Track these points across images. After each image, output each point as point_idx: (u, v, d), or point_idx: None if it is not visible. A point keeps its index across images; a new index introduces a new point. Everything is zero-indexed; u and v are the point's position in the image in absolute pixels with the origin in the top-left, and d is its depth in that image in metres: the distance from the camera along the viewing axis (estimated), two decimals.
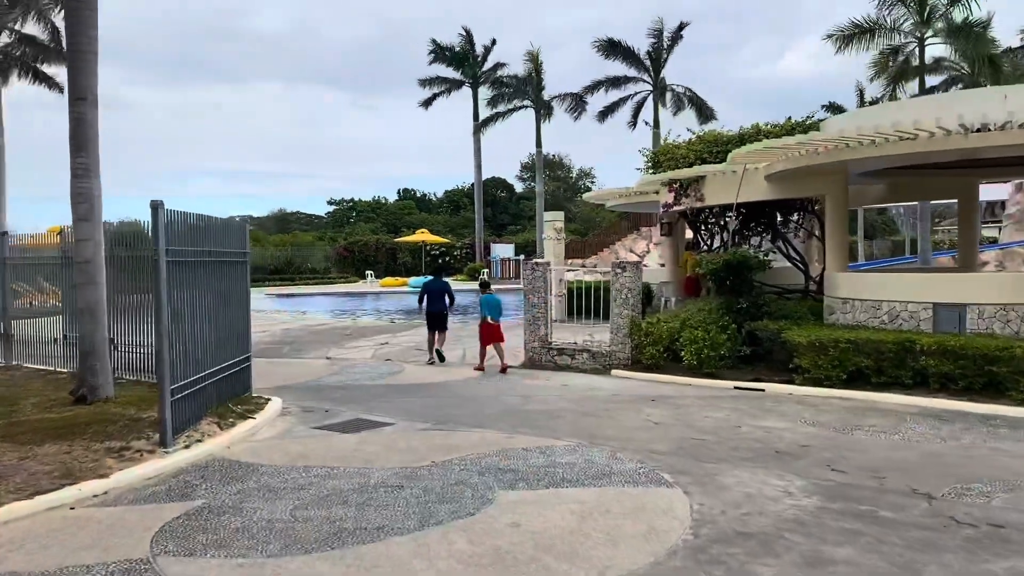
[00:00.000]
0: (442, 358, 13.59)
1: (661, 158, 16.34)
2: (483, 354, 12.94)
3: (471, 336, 16.18)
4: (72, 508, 5.84)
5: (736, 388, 10.97)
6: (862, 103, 40.59)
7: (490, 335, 12.80)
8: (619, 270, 12.38)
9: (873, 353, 10.26)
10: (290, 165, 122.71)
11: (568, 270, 17.61)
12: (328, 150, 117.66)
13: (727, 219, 15.91)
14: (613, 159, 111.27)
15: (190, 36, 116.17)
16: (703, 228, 16.82)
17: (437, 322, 13.85)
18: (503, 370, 12.45)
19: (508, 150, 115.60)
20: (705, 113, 45.86)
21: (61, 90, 32.07)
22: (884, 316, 11.34)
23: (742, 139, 14.29)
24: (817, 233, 17.19)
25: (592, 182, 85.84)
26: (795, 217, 16.11)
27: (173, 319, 7.56)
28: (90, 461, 6.75)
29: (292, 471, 6.79)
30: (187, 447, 7.41)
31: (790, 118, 15.06)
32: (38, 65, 29.30)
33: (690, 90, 46.17)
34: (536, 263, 13.14)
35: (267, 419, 8.91)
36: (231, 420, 8.49)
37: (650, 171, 17.34)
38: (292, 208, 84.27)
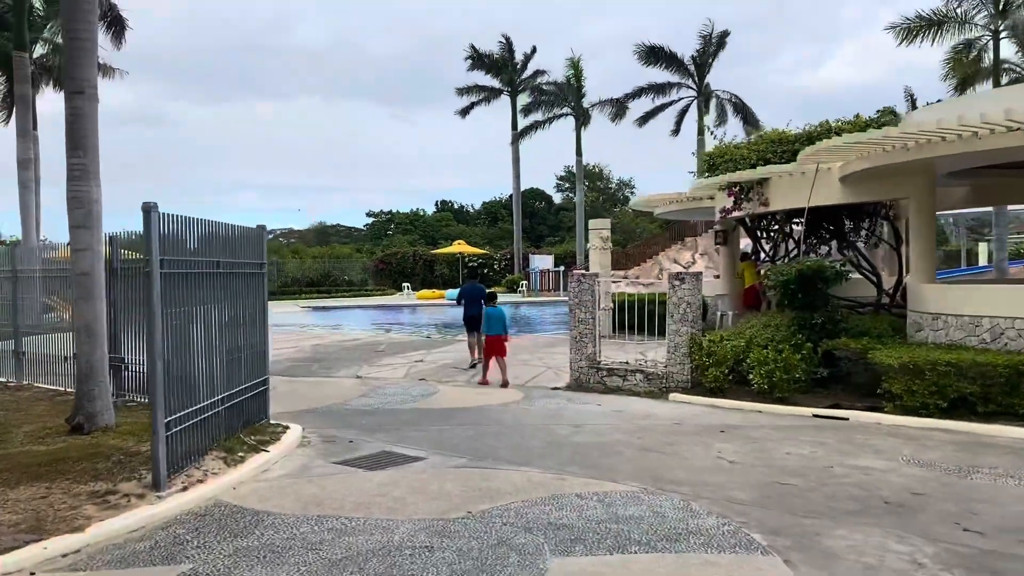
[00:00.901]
0: (473, 365, 13.76)
1: (717, 160, 15.03)
2: (486, 367, 12.65)
3: (511, 354, 15.02)
4: (32, 574, 4.81)
5: (815, 416, 9.62)
6: (913, 108, 38.62)
7: (491, 348, 12.55)
8: (677, 282, 11.12)
9: (979, 378, 8.84)
10: (330, 178, 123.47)
11: (614, 281, 16.38)
12: (367, 163, 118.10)
13: (792, 225, 14.53)
14: (653, 169, 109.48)
15: (232, 52, 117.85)
16: (764, 236, 15.44)
17: (474, 324, 14.01)
18: (503, 384, 12.12)
19: (546, 161, 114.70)
20: (751, 121, 44.31)
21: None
22: (985, 334, 9.89)
23: (810, 138, 12.92)
24: (889, 241, 15.72)
25: (632, 192, 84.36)
26: (865, 223, 14.64)
27: (171, 339, 6.55)
28: (67, 509, 5.73)
29: (303, 523, 5.68)
30: (184, 489, 6.36)
31: (859, 115, 13.67)
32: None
33: (736, 96, 44.74)
34: (583, 274, 11.95)
35: (283, 452, 7.85)
36: (240, 454, 7.44)
37: (705, 175, 16.04)
38: (332, 221, 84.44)
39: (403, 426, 9.28)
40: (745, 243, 21.18)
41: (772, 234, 15.25)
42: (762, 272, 16.20)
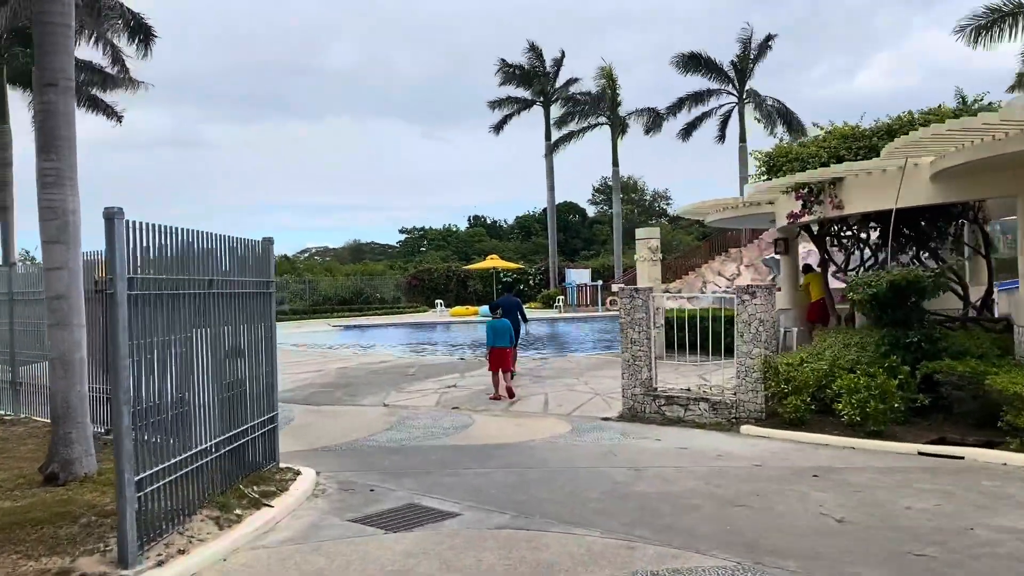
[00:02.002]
0: (514, 372, 13.47)
1: (779, 161, 13.54)
2: (496, 382, 12.22)
3: (554, 377, 13.67)
4: None
5: (921, 454, 8.08)
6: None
7: (497, 361, 12.22)
8: (747, 296, 9.67)
9: None
10: (363, 197, 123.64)
11: (668, 297, 14.94)
12: (400, 181, 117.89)
13: (869, 230, 12.98)
14: (688, 181, 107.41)
15: (263, 74, 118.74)
16: (836, 243, 13.88)
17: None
18: (506, 395, 11.97)
19: (579, 174, 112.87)
20: (796, 126, 42.56)
21: (120, 119, 31.42)
22: None
23: (890, 131, 11.41)
24: (973, 246, 14.08)
25: (668, 204, 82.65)
26: (951, 227, 13.03)
27: (148, 375, 5.33)
28: None
29: None
30: (160, 563, 5.08)
31: (941, 104, 12.11)
32: (95, 92, 28.43)
33: (779, 101, 43.01)
34: (636, 289, 10.55)
35: (290, 506, 6.57)
36: (237, 512, 6.16)
37: (763, 177, 14.56)
38: (366, 239, 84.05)
39: (434, 468, 7.96)
40: (804, 251, 19.58)
41: (845, 241, 13.68)
42: (834, 283, 14.63)
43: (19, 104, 28.74)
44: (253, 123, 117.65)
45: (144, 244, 5.40)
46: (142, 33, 23.59)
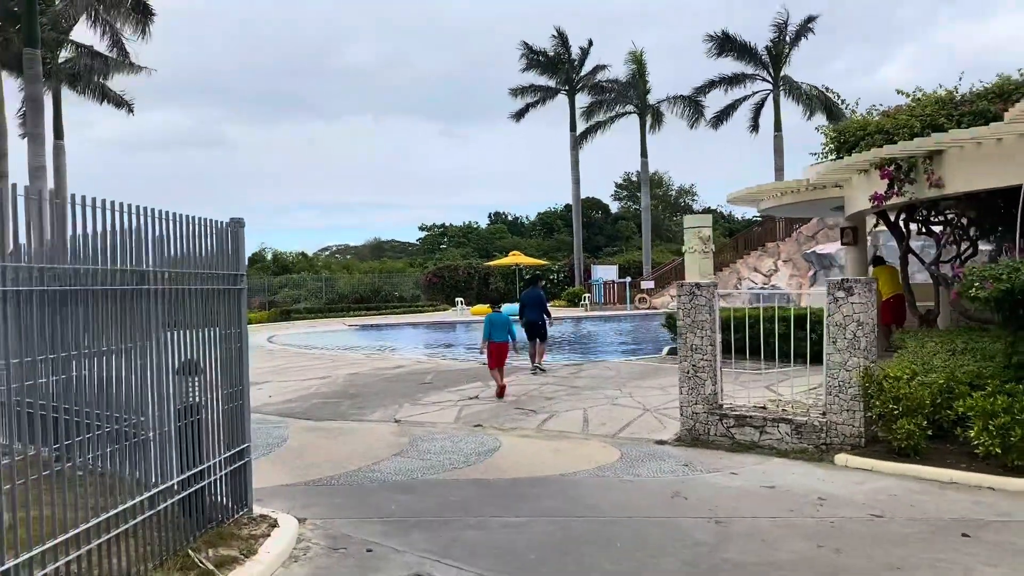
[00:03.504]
0: (542, 370, 13.62)
1: (853, 136, 11.61)
2: (498, 376, 11.80)
3: (591, 388, 11.83)
4: None
5: None
6: None
7: (497, 356, 11.92)
8: (841, 293, 7.77)
9: None
10: (384, 196, 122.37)
11: (723, 293, 12.96)
12: (420, 180, 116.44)
13: (966, 214, 11.02)
14: (715, 176, 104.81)
15: (282, 74, 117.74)
16: (925, 230, 11.90)
17: (535, 331, 13.96)
18: (501, 393, 11.53)
19: (601, 170, 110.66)
20: (836, 114, 40.33)
21: (131, 108, 30.00)
22: None
23: (1003, 94, 9.48)
24: None
25: (694, 200, 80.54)
26: None
27: (39, 405, 3.60)
28: None
29: None
30: None
31: None
32: (101, 80, 27.02)
33: (817, 88, 40.79)
34: (698, 286, 8.67)
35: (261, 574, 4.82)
36: None
37: (830, 157, 12.64)
38: (387, 237, 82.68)
39: (452, 515, 6.17)
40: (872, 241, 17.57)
41: (947, 228, 11.67)
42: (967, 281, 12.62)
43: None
44: (274, 122, 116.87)
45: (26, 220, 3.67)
46: (140, 13, 22.08)
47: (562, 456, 8.14)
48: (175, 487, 5.04)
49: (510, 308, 23.34)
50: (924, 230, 11.84)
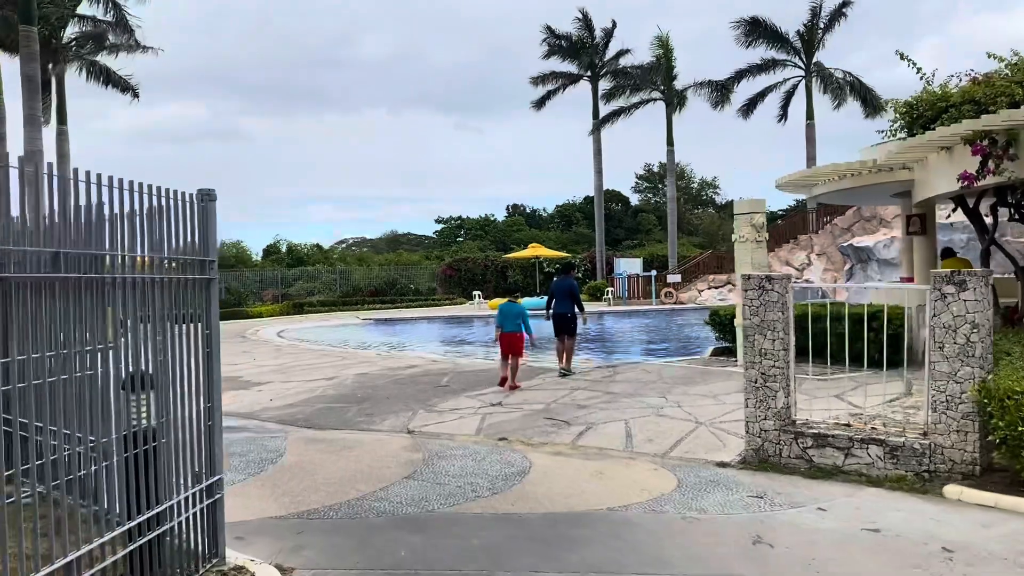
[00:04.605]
0: (570, 372, 12.20)
1: (932, 109, 10.16)
2: (504, 367, 11.56)
3: (630, 395, 10.48)
4: None
5: None
6: None
7: (508, 346, 11.53)
8: (951, 288, 6.36)
9: None
10: (400, 189, 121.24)
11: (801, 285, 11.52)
12: (436, 173, 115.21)
13: None
14: (739, 168, 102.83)
15: (298, 66, 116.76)
16: (1017, 216, 10.43)
17: (563, 326, 12.38)
18: (508, 385, 11.33)
19: (621, 163, 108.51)
20: (871, 103, 38.66)
21: (136, 93, 28.90)
22: None
23: None
24: None
25: (716, 192, 78.91)
26: None
27: None
28: None
29: None
30: None
31: None
32: (96, 58, 25.91)
33: (851, 74, 39.11)
34: (769, 278, 7.28)
35: None
36: None
37: (898, 135, 11.21)
38: (403, 230, 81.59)
39: (475, 567, 4.86)
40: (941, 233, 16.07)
41: None
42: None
43: None
44: (291, 115, 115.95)
45: None
46: None
47: (606, 482, 6.80)
48: (115, 542, 3.78)
49: (531, 302, 22.03)
50: (1018, 216, 10.35)
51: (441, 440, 8.64)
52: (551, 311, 12.58)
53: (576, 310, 12.44)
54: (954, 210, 11.75)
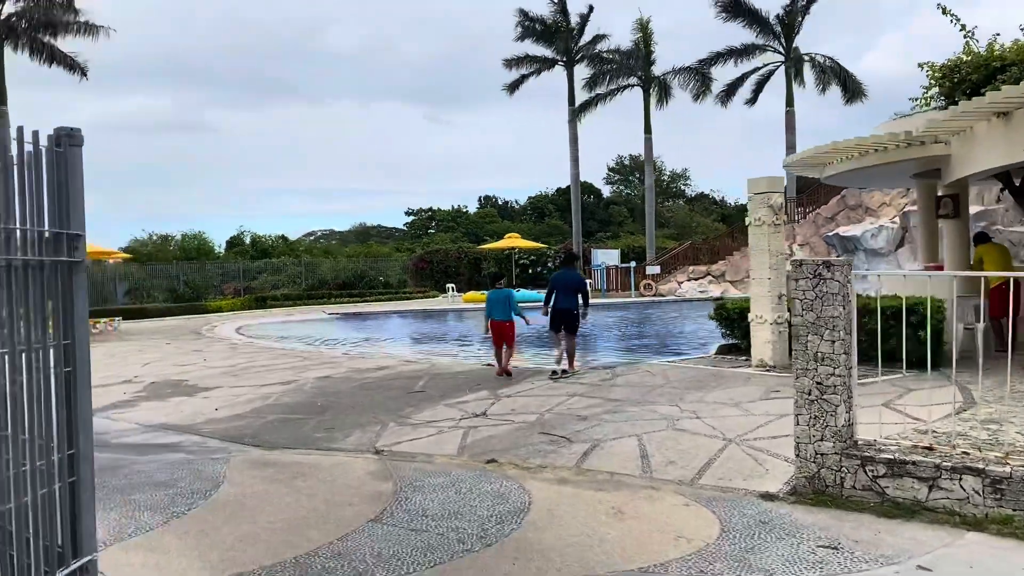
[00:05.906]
0: (572, 374, 10.90)
1: (976, 72, 8.84)
2: (498, 356, 11.23)
3: (637, 403, 9.00)
4: None
5: None
6: None
7: (500, 336, 11.24)
8: None
9: None
10: (371, 182, 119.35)
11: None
12: (407, 165, 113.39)
13: None
14: (709, 160, 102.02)
15: (266, 57, 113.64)
16: None
17: (567, 323, 11.12)
18: (503, 373, 10.95)
19: (593, 155, 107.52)
20: (851, 89, 37.82)
21: (84, 73, 26.75)
22: None
23: None
24: None
25: (687, 184, 78.22)
26: None
27: None
28: None
29: None
30: None
31: None
32: (43, 36, 23.83)
33: (831, 59, 38.21)
34: (827, 265, 5.83)
35: None
36: None
37: (931, 104, 9.90)
38: (374, 222, 79.70)
39: None
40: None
41: None
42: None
43: None
44: (258, 107, 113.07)
45: None
46: None
47: (629, 524, 5.32)
48: None
49: (522, 295, 20.45)
50: None
51: (416, 463, 7.11)
52: (551, 306, 11.34)
53: (582, 305, 11.24)
54: (1002, 190, 10.46)
